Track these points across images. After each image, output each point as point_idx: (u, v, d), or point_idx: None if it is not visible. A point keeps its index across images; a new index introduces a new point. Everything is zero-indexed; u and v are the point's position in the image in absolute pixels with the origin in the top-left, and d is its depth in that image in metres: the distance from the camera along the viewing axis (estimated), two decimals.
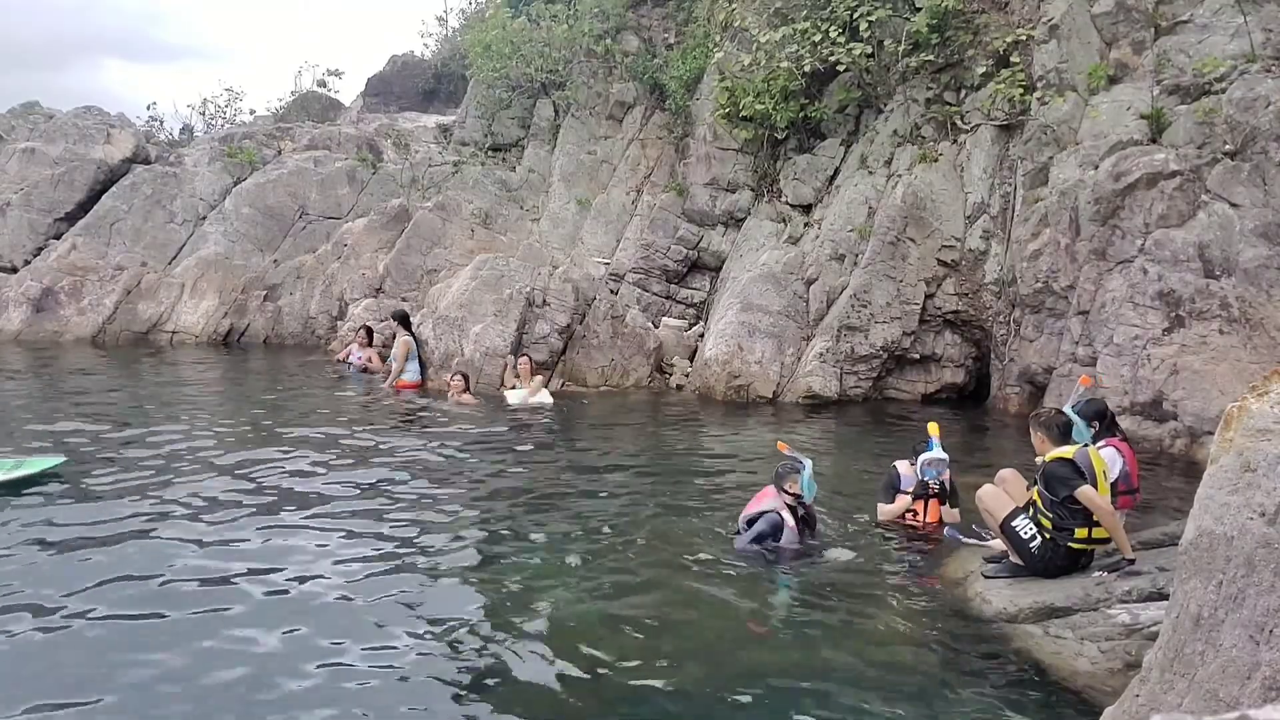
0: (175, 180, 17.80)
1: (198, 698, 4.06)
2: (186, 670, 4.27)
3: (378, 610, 5.01)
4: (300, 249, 17.63)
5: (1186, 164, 9.90)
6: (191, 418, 9.81)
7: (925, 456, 6.74)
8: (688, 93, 16.75)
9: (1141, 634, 4.43)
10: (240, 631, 4.68)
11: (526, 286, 13.22)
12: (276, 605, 5.04)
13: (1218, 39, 10.59)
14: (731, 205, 15.77)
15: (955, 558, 6.18)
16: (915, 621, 5.22)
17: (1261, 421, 2.99)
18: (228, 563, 5.60)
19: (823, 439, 10.65)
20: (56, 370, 12.97)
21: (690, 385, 13.37)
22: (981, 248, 12.76)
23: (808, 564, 6.05)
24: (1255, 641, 2.83)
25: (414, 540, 6.21)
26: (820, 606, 5.36)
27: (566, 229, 17.14)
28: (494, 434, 9.99)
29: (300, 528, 6.32)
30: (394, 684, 4.25)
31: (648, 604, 5.32)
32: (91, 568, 5.41)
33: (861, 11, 13.37)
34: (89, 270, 16.43)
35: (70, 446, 8.13)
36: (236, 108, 23.83)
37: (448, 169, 18.61)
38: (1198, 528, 3.11)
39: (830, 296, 13.13)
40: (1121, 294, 10.20)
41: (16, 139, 18.48)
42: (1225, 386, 9.00)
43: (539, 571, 5.74)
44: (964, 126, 13.37)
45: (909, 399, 12.97)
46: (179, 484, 7.18)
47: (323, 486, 7.38)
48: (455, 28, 25.76)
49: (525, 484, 7.92)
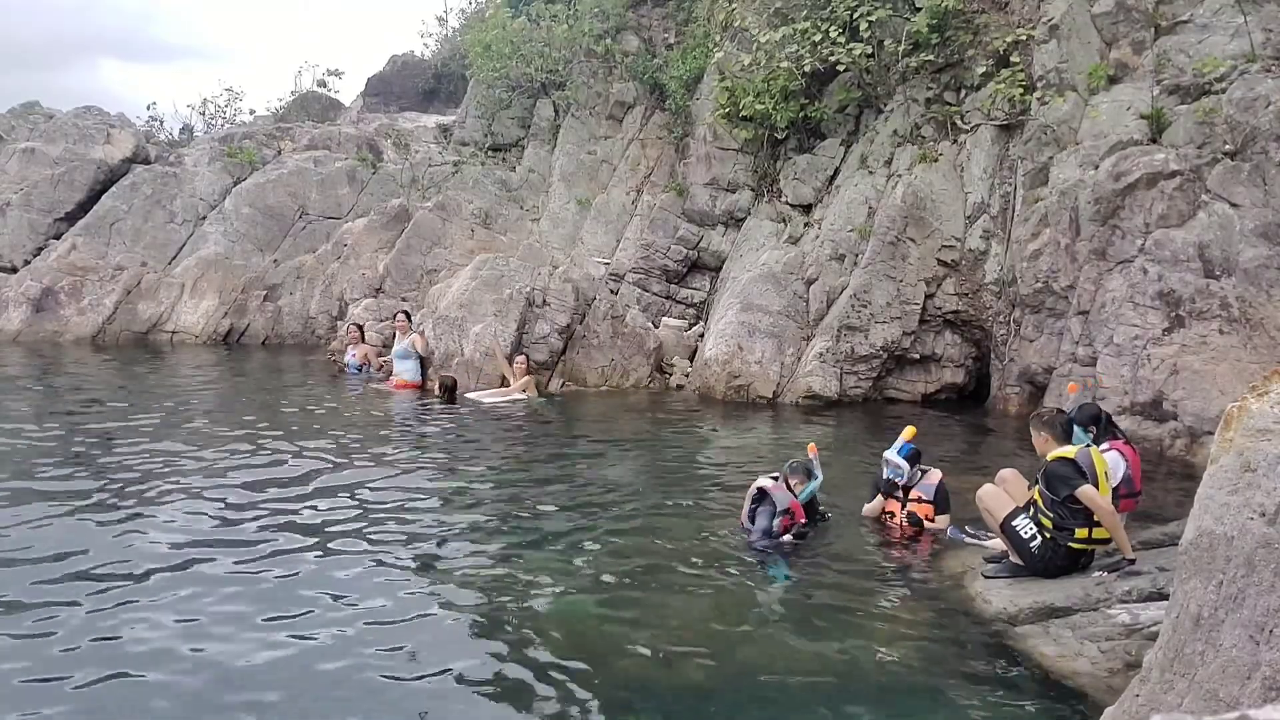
0: (175, 180, 17.80)
1: (191, 692, 4.06)
2: (170, 662, 4.27)
3: (374, 610, 5.01)
4: (300, 249, 17.64)
5: (1186, 164, 9.90)
6: (188, 417, 9.81)
7: (885, 453, 6.78)
8: (688, 93, 16.75)
9: (1141, 634, 4.43)
10: (223, 629, 4.68)
11: (526, 286, 13.22)
12: (266, 603, 5.03)
13: (1218, 39, 10.58)
14: (731, 205, 15.77)
15: (955, 558, 6.18)
16: (915, 621, 5.22)
17: (1261, 421, 2.99)
18: (215, 561, 5.60)
19: (823, 439, 10.64)
20: (55, 370, 12.98)
21: (690, 385, 13.37)
22: (981, 248, 12.76)
23: (808, 564, 6.05)
24: (1255, 641, 2.82)
25: (411, 539, 6.21)
26: (820, 605, 5.36)
27: (566, 229, 17.14)
28: (492, 434, 9.99)
29: (298, 527, 6.32)
30: (391, 682, 4.25)
31: (647, 603, 5.32)
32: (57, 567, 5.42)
33: (861, 11, 13.36)
34: (89, 270, 16.43)
35: (62, 446, 8.13)
36: (236, 108, 23.84)
37: (448, 169, 18.61)
38: (1198, 528, 3.11)
39: (830, 296, 13.13)
40: (1121, 294, 10.19)
41: (16, 139, 18.48)
42: (1225, 386, 8.99)
43: (537, 570, 5.73)
44: (964, 126, 13.37)
45: (909, 399, 12.97)
46: (171, 482, 7.18)
47: (319, 486, 7.38)
48: (455, 28, 25.76)
49: (523, 483, 7.92)
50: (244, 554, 5.76)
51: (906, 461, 6.66)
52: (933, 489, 6.72)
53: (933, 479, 6.75)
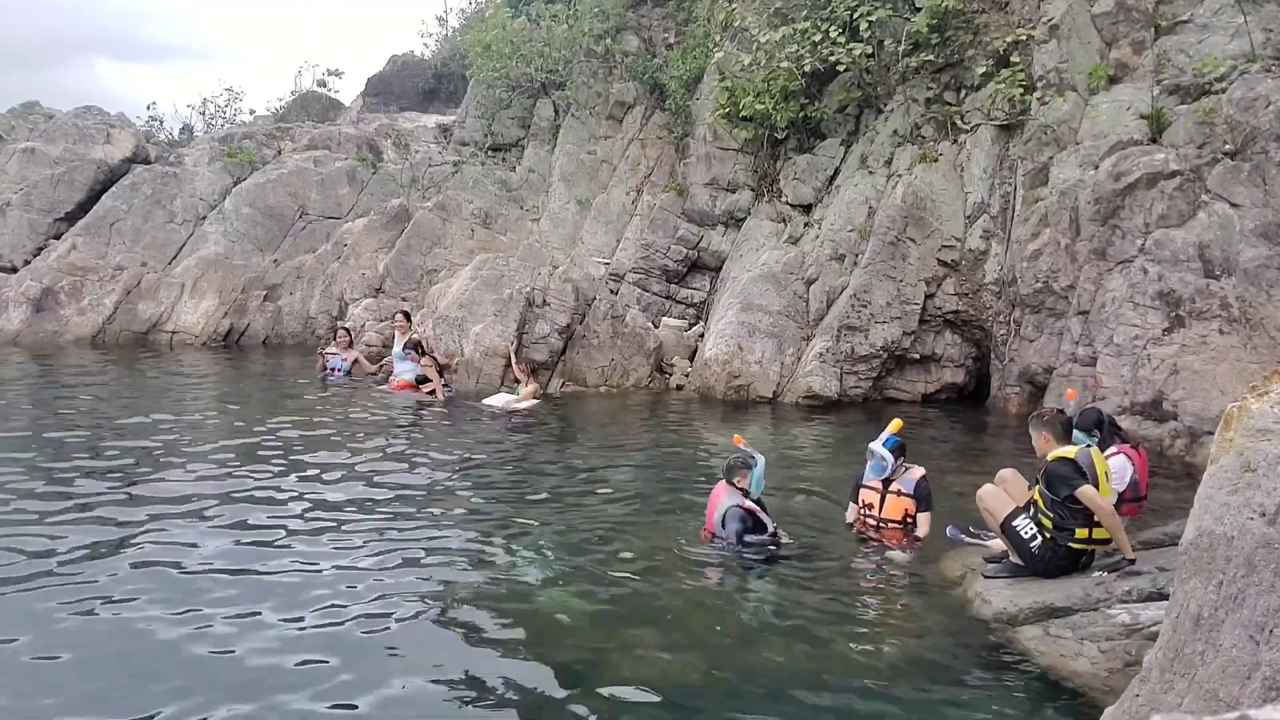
0: (175, 180, 17.80)
1: (185, 688, 4.05)
2: (170, 653, 4.28)
3: (370, 609, 5.01)
4: (300, 249, 17.63)
5: (1186, 164, 9.90)
6: (188, 416, 9.81)
7: (871, 445, 6.66)
8: (688, 93, 16.75)
9: (1141, 634, 4.42)
10: (217, 629, 4.68)
11: (526, 286, 13.22)
12: (265, 605, 5.03)
13: (1218, 39, 10.59)
14: (731, 205, 15.77)
15: (955, 558, 6.18)
16: (914, 621, 5.22)
17: (1261, 421, 2.98)
18: (205, 561, 5.60)
19: (822, 439, 10.65)
20: (54, 370, 12.98)
21: (690, 385, 13.36)
22: (981, 248, 12.76)
23: (807, 564, 6.05)
24: (1255, 641, 2.82)
25: (408, 538, 6.20)
26: (818, 606, 5.36)
27: (566, 229, 17.14)
28: (491, 434, 9.99)
29: (296, 527, 6.32)
30: (388, 681, 4.25)
31: (646, 604, 5.32)
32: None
33: (861, 11, 13.37)
34: (89, 270, 16.42)
35: (57, 444, 8.13)
36: (236, 108, 23.85)
37: (448, 169, 18.61)
38: (1198, 528, 3.11)
39: (830, 296, 13.13)
40: (1121, 294, 10.19)
41: (16, 139, 18.48)
42: (1225, 386, 8.99)
43: (535, 570, 5.73)
44: (964, 126, 13.37)
45: (909, 399, 12.97)
46: (167, 481, 7.18)
47: (317, 485, 7.38)
48: (455, 28, 25.76)
49: (522, 483, 7.92)
50: (243, 552, 5.76)
51: (891, 454, 6.56)
52: (913, 484, 6.58)
53: (914, 474, 6.63)
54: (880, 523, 6.62)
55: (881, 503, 6.63)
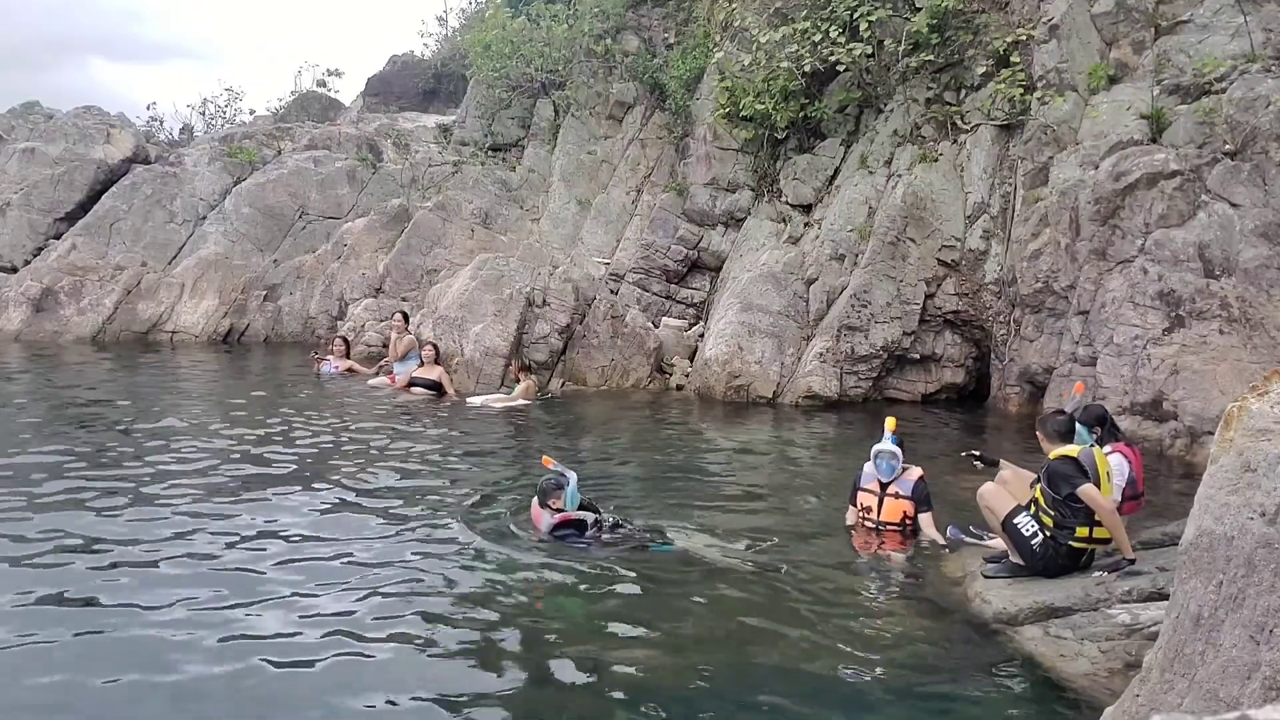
0: (175, 180, 17.80)
1: (181, 686, 4.05)
2: (166, 654, 4.27)
3: (369, 608, 5.01)
4: (300, 249, 17.64)
5: (1186, 164, 9.90)
6: (182, 415, 9.81)
7: (876, 447, 6.63)
8: (688, 93, 16.75)
9: (1141, 634, 4.42)
10: (215, 630, 4.67)
11: (526, 286, 13.22)
12: (260, 606, 5.03)
13: (1218, 39, 10.58)
14: (731, 205, 15.76)
15: (955, 558, 6.18)
16: (914, 622, 5.22)
17: (1261, 421, 2.98)
18: (200, 563, 5.60)
19: (822, 439, 10.65)
20: (53, 369, 12.98)
21: (690, 385, 13.36)
22: (981, 248, 12.76)
23: (806, 565, 6.05)
24: (1255, 641, 2.82)
25: (406, 538, 6.21)
26: (819, 607, 5.35)
27: (566, 229, 17.14)
28: (490, 433, 9.98)
29: (292, 528, 6.32)
30: (387, 681, 4.25)
31: (644, 604, 5.32)
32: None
33: (861, 11, 13.36)
34: (89, 270, 16.42)
35: (58, 442, 8.13)
36: (236, 108, 23.91)
37: (448, 169, 18.61)
38: (1198, 528, 3.11)
39: (830, 296, 13.13)
40: (1121, 294, 10.19)
41: (16, 139, 18.49)
42: (1225, 386, 8.99)
43: (533, 570, 5.73)
44: (964, 126, 13.37)
45: (909, 399, 12.96)
46: (167, 480, 7.18)
47: (315, 485, 7.38)
48: (455, 28, 25.81)
49: (521, 483, 7.90)
50: (240, 551, 5.76)
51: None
52: (910, 485, 6.57)
53: (911, 475, 6.60)
54: (879, 525, 6.60)
55: (879, 506, 6.60)
